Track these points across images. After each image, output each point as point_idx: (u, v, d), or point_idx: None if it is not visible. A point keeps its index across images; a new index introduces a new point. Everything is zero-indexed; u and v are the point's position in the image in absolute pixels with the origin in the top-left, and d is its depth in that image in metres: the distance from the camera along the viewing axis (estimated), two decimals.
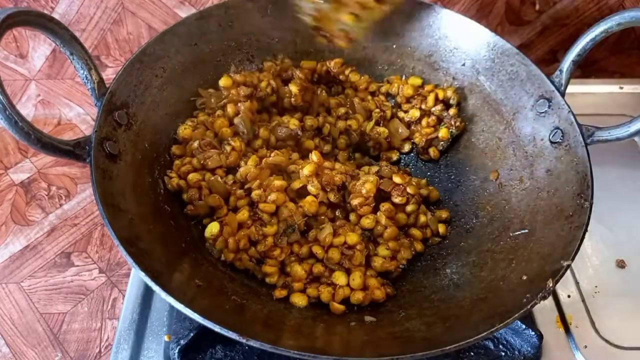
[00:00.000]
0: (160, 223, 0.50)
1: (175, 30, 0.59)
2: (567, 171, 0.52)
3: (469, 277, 0.52)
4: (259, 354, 0.52)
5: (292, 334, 0.45)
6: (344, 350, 0.43)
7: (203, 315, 0.39)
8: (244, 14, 0.63)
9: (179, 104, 0.59)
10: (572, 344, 0.55)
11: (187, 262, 0.49)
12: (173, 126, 0.58)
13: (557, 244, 0.48)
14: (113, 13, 0.89)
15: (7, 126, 0.39)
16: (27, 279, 0.91)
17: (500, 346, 0.53)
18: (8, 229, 0.96)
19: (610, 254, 0.63)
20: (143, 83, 0.54)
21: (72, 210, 0.99)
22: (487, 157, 0.61)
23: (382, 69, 0.69)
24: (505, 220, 0.55)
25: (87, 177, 1.04)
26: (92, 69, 0.48)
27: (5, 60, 0.98)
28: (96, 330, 0.86)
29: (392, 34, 0.67)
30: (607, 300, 0.59)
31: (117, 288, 0.90)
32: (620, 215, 0.66)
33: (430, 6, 0.64)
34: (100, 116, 0.48)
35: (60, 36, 0.46)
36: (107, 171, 0.47)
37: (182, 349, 0.50)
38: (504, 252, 0.52)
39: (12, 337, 0.84)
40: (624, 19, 0.49)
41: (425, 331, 0.46)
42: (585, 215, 0.47)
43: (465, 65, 0.64)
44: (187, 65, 0.60)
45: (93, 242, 0.96)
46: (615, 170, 0.71)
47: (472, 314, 0.46)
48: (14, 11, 0.41)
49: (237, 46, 0.64)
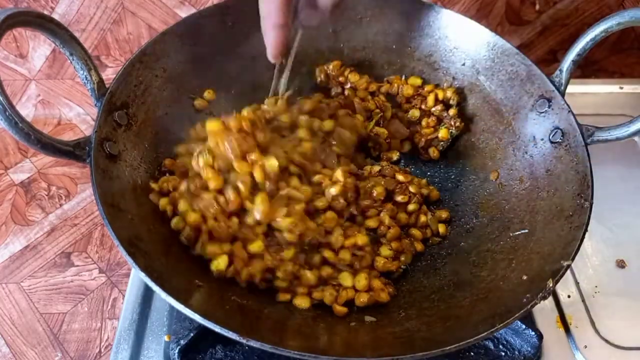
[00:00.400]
0: (160, 223, 0.50)
1: (175, 30, 0.59)
2: (567, 171, 0.52)
3: (469, 277, 0.52)
4: (259, 354, 0.52)
5: (293, 334, 0.45)
6: (344, 350, 0.43)
7: (203, 315, 0.39)
8: (243, 14, 0.63)
9: (179, 104, 0.59)
10: (572, 344, 0.55)
11: (187, 262, 0.49)
12: (173, 126, 0.58)
13: (557, 244, 0.48)
14: (113, 13, 0.89)
15: (7, 127, 0.39)
16: (27, 279, 0.91)
17: (500, 346, 0.53)
18: (8, 229, 0.96)
19: (610, 254, 0.63)
20: (143, 83, 0.54)
21: (72, 210, 0.99)
22: (487, 157, 0.61)
23: (382, 69, 0.69)
24: (505, 220, 0.55)
25: (87, 177, 1.05)
26: (92, 69, 0.48)
27: (5, 60, 0.98)
28: (96, 330, 0.86)
29: (392, 34, 0.67)
30: (607, 300, 0.59)
31: (117, 288, 0.90)
32: (620, 215, 0.66)
33: (430, 6, 0.64)
34: (100, 116, 0.48)
35: (60, 36, 0.46)
36: (107, 171, 0.47)
37: (182, 349, 0.50)
38: (504, 252, 0.52)
39: (12, 337, 0.84)
40: (623, 18, 0.49)
41: (425, 331, 0.46)
42: (585, 215, 0.47)
43: (465, 65, 0.64)
44: (187, 65, 0.60)
45: (93, 242, 0.96)
46: (615, 170, 0.71)
47: (472, 314, 0.46)
48: (14, 11, 0.41)
49: (237, 46, 0.64)
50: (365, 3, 0.66)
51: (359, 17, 0.66)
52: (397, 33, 0.66)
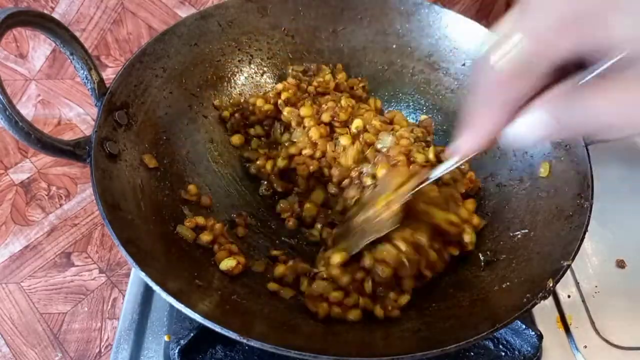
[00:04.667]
0: (160, 223, 0.50)
1: (175, 30, 0.59)
2: (567, 171, 0.52)
3: (469, 277, 0.52)
4: (259, 354, 0.52)
5: (293, 334, 0.45)
6: (344, 350, 0.43)
7: (203, 315, 0.39)
8: (244, 14, 0.63)
9: (179, 104, 0.59)
10: (572, 344, 0.55)
11: (187, 262, 0.49)
12: (173, 126, 0.58)
13: (557, 244, 0.48)
14: (113, 13, 0.89)
15: (7, 126, 0.40)
16: (27, 279, 0.91)
17: (500, 346, 0.53)
18: (8, 229, 0.96)
19: (610, 254, 0.63)
20: (143, 83, 0.54)
21: (72, 210, 0.99)
22: (487, 157, 0.61)
23: (382, 69, 0.69)
24: (505, 220, 0.55)
25: (87, 177, 1.05)
26: (92, 69, 0.48)
27: (5, 60, 0.98)
28: (96, 330, 0.86)
29: (392, 34, 0.67)
30: (607, 300, 0.59)
31: (117, 288, 0.90)
32: (620, 215, 0.66)
33: (430, 6, 0.64)
34: (100, 116, 0.48)
35: (60, 36, 0.46)
36: (107, 171, 0.47)
37: (182, 349, 0.50)
38: (504, 252, 0.52)
39: (12, 337, 0.84)
40: None
41: (425, 331, 0.46)
42: (585, 215, 0.47)
43: (465, 65, 0.64)
44: (187, 65, 0.60)
45: (93, 242, 0.96)
46: (615, 170, 0.71)
47: (472, 314, 0.46)
48: (14, 11, 0.41)
49: (237, 46, 0.64)
50: (365, 3, 0.66)
51: (359, 17, 0.66)
52: (397, 33, 0.66)
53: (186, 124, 0.59)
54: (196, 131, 0.60)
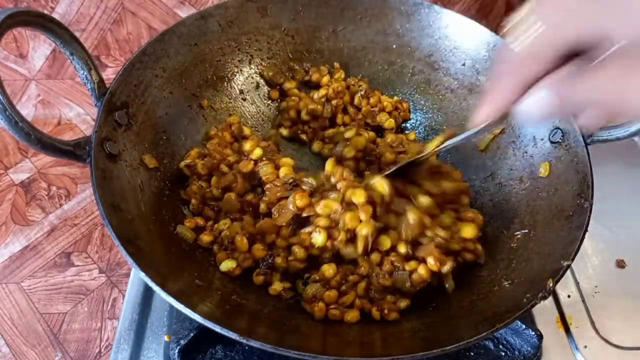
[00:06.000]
0: (160, 223, 0.50)
1: (175, 30, 0.59)
2: (567, 171, 0.52)
3: (469, 277, 0.52)
4: (259, 354, 0.52)
5: (292, 334, 0.45)
6: (344, 350, 0.43)
7: (203, 315, 0.39)
8: (243, 14, 0.63)
9: (179, 104, 0.59)
10: (572, 344, 0.55)
11: (187, 262, 0.49)
12: (173, 126, 0.58)
13: (557, 244, 0.48)
14: (113, 13, 0.89)
15: (7, 126, 0.39)
16: (27, 279, 0.91)
17: (500, 346, 0.53)
18: (8, 229, 0.96)
19: (610, 254, 0.63)
20: (143, 83, 0.54)
21: (72, 210, 0.99)
22: (487, 157, 0.61)
23: (382, 69, 0.69)
24: (505, 220, 0.55)
25: (87, 177, 1.05)
26: (92, 69, 0.48)
27: (5, 60, 0.98)
28: (96, 330, 0.86)
29: (392, 34, 0.67)
30: (607, 300, 0.59)
31: (117, 288, 0.90)
32: (620, 215, 0.66)
33: (430, 6, 0.64)
34: (100, 116, 0.48)
35: (60, 36, 0.46)
36: (107, 171, 0.47)
37: (182, 349, 0.50)
38: (504, 252, 0.52)
39: (12, 337, 0.84)
40: None
41: (425, 331, 0.46)
42: (585, 215, 0.47)
43: (465, 65, 0.64)
44: (187, 65, 0.60)
45: (93, 242, 0.96)
46: (615, 170, 0.71)
47: (472, 314, 0.46)
48: (14, 11, 0.41)
49: (237, 46, 0.64)
50: (365, 3, 0.66)
51: (359, 17, 0.66)
52: (397, 33, 0.67)
53: (186, 124, 0.59)
54: (196, 131, 0.60)
